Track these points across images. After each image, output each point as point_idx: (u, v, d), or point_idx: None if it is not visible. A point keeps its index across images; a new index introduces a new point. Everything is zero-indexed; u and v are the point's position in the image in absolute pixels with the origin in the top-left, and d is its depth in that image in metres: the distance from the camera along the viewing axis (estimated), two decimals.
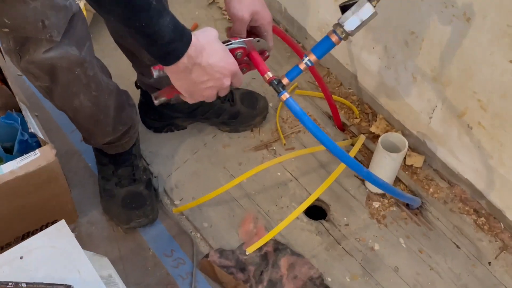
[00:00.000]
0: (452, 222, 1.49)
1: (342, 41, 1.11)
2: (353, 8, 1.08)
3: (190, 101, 1.03)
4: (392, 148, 1.44)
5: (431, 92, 1.43)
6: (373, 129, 1.64)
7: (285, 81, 1.12)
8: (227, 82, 1.01)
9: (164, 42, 0.88)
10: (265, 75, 1.09)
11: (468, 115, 1.37)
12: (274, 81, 1.08)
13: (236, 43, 1.06)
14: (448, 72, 1.35)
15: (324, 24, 1.69)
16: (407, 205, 1.51)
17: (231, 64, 1.00)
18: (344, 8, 1.11)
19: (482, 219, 1.49)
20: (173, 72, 0.96)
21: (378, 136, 1.63)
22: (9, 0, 1.03)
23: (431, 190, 1.54)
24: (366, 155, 1.61)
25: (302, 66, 1.13)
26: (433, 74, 1.40)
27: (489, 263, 1.43)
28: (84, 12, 1.72)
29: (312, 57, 1.13)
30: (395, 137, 1.45)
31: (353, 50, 1.64)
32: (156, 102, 1.05)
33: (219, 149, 1.62)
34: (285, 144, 1.63)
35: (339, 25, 1.09)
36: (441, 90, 1.40)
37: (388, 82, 1.56)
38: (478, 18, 1.20)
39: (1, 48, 1.21)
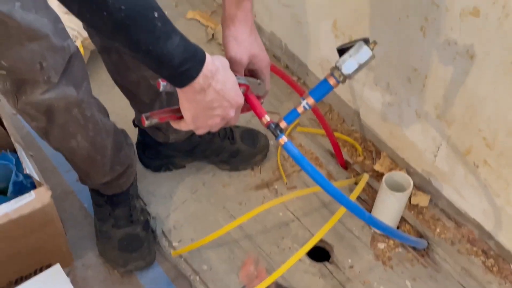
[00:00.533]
0: (460, 264, 1.44)
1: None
2: (350, 51, 1.06)
3: (186, 127, 0.99)
4: (397, 187, 1.40)
5: (436, 130, 1.40)
6: (377, 167, 1.60)
7: (282, 124, 1.09)
8: (232, 113, 0.98)
9: (175, 64, 0.85)
10: (263, 119, 1.06)
11: (473, 153, 1.33)
12: (271, 124, 1.06)
13: (241, 79, 1.03)
14: (452, 110, 1.32)
15: (325, 61, 1.67)
16: (414, 246, 1.47)
17: (240, 96, 0.98)
18: (341, 51, 1.09)
19: (491, 260, 1.44)
20: (186, 93, 0.91)
21: (382, 174, 1.59)
22: (6, 42, 1.00)
23: (437, 230, 1.50)
24: (370, 194, 1.57)
25: (300, 110, 1.11)
26: (437, 111, 1.36)
27: None
28: (81, 50, 1.71)
29: (310, 100, 1.11)
30: (400, 176, 1.41)
31: (355, 86, 1.61)
32: (146, 123, 0.99)
33: (218, 189, 1.59)
34: (286, 183, 1.59)
35: (336, 68, 1.07)
36: (445, 127, 1.37)
37: (391, 119, 1.53)
38: (481, 55, 1.17)
39: None
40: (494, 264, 1.43)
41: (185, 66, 0.86)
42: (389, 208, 1.42)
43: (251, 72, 1.10)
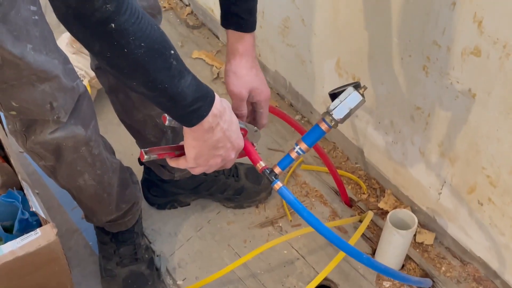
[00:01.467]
0: None
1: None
2: (341, 96, 1.08)
3: (184, 165, 0.99)
4: (402, 225, 1.40)
5: (440, 168, 1.41)
6: (381, 205, 1.60)
7: (277, 170, 1.11)
8: (233, 155, 0.99)
9: (187, 103, 0.86)
10: (258, 165, 1.07)
11: (477, 191, 1.34)
12: (266, 170, 1.07)
13: (241, 123, 1.04)
14: (455, 148, 1.33)
15: (328, 99, 1.67)
16: (418, 287, 1.46)
17: (241, 139, 0.99)
18: (333, 96, 1.12)
19: None
20: (195, 132, 0.92)
21: (387, 212, 1.59)
22: (17, 84, 1.02)
23: (443, 268, 1.49)
24: (375, 231, 1.56)
25: (293, 155, 1.13)
26: (441, 149, 1.37)
27: None
28: (89, 89, 1.73)
29: (303, 146, 1.13)
30: (404, 213, 1.41)
31: (358, 124, 1.62)
32: (145, 157, 0.99)
33: (223, 226, 1.59)
34: (291, 220, 1.59)
35: (328, 113, 1.09)
36: (449, 165, 1.38)
37: (395, 156, 1.54)
38: (483, 95, 1.18)
39: (7, 128, 1.20)
40: None
41: (196, 105, 0.87)
42: (394, 246, 1.42)
43: (252, 105, 1.12)
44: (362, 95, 1.08)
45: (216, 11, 2.05)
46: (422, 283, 1.40)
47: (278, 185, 1.06)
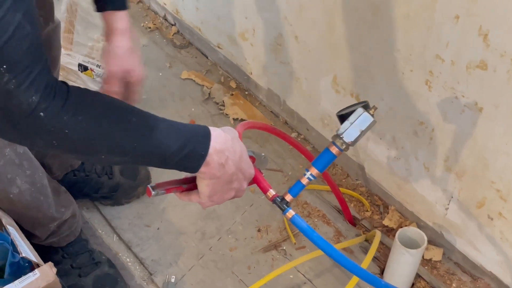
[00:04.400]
0: None
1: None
2: (350, 118, 1.05)
3: (198, 201, 0.94)
4: (411, 244, 1.36)
5: (446, 182, 1.37)
6: (386, 222, 1.56)
7: (288, 197, 1.07)
8: (245, 186, 0.95)
9: (174, 151, 0.81)
10: (268, 193, 1.02)
11: (487, 205, 1.30)
12: (277, 198, 1.03)
13: (249, 151, 0.99)
14: (462, 162, 1.30)
15: (326, 116, 1.65)
16: None
17: (252, 168, 0.95)
18: (341, 117, 1.08)
19: None
20: (205, 173, 0.87)
21: (392, 229, 1.56)
22: None
23: (453, 285, 1.45)
24: (382, 250, 1.52)
25: (304, 182, 1.10)
26: (447, 164, 1.34)
27: None
28: None
29: (314, 171, 1.09)
30: (413, 231, 1.37)
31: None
32: (153, 193, 0.92)
33: (225, 253, 1.54)
34: (295, 243, 1.54)
35: (338, 136, 1.05)
36: (456, 180, 1.34)
37: (398, 172, 1.50)
38: (491, 108, 1.15)
39: None
40: None
41: (186, 149, 0.82)
42: (404, 265, 1.38)
43: (125, 85, 1.10)
44: (372, 115, 1.05)
45: (204, 30, 2.01)
46: None
47: (290, 213, 1.01)
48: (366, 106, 1.06)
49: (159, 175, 1.57)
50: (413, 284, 1.46)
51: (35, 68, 0.67)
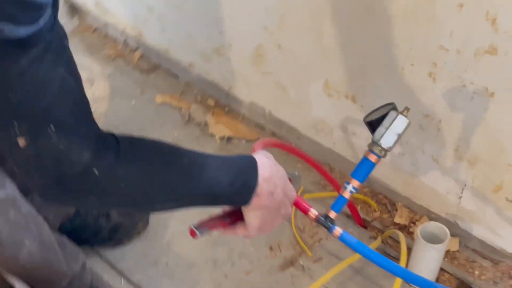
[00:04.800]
0: None
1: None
2: (385, 123, 1.01)
3: (246, 234, 0.88)
4: (432, 239, 1.33)
5: (457, 172, 1.36)
6: (397, 219, 1.54)
7: (332, 214, 1.03)
8: (290, 209, 0.90)
9: (226, 188, 0.76)
10: (309, 213, 0.96)
11: (505, 188, 1.29)
12: (320, 218, 0.97)
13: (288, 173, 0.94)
14: (474, 149, 1.29)
15: (319, 121, 1.61)
16: None
17: (293, 190, 0.90)
18: (371, 123, 1.04)
19: None
20: (256, 205, 0.81)
21: (405, 226, 1.53)
22: None
23: (476, 272, 1.44)
24: (394, 247, 1.49)
25: (346, 195, 1.05)
26: (457, 153, 1.32)
27: None
28: None
29: (355, 183, 1.05)
30: (433, 226, 1.35)
31: (356, 142, 1.56)
32: (198, 235, 0.86)
33: (243, 278, 1.47)
34: (311, 256, 1.50)
35: (375, 143, 1.02)
36: (468, 168, 1.33)
37: (404, 168, 1.48)
38: (503, 92, 1.14)
39: None
40: None
41: (237, 183, 0.77)
42: (428, 261, 1.35)
43: None
44: (407, 117, 1.01)
45: (172, 50, 1.94)
46: None
47: (338, 231, 0.96)
48: (394, 108, 1.02)
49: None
50: (437, 279, 1.44)
51: (83, 123, 0.61)
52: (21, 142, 0.58)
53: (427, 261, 1.35)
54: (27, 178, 0.63)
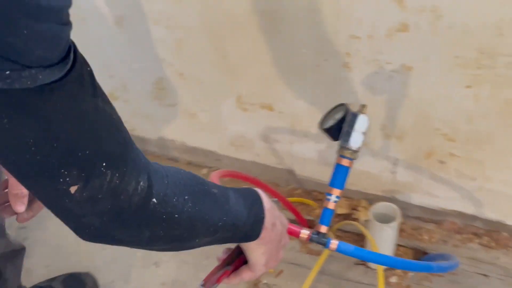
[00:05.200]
0: (464, 256, 1.46)
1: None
2: (346, 125, 1.01)
3: (254, 276, 0.84)
4: (384, 219, 1.37)
5: (387, 149, 1.41)
6: (338, 211, 1.56)
7: (323, 229, 1.00)
8: (288, 238, 0.87)
9: (245, 219, 0.73)
10: (301, 235, 0.94)
11: (436, 152, 1.36)
12: (313, 235, 0.95)
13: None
14: (401, 125, 1.34)
15: (238, 138, 1.59)
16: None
17: (284, 217, 0.87)
18: (330, 130, 1.04)
19: (486, 238, 1.48)
20: (263, 239, 0.77)
21: (348, 215, 1.56)
22: None
23: (425, 237, 1.50)
24: (344, 236, 1.52)
25: (331, 206, 1.03)
26: (384, 132, 1.37)
27: None
28: None
29: (337, 192, 1.03)
30: (381, 207, 1.39)
31: (280, 148, 1.56)
32: None
33: None
34: (272, 271, 1.48)
35: (344, 148, 1.01)
36: (396, 143, 1.38)
37: (332, 160, 1.50)
38: (420, 63, 1.20)
39: None
40: (491, 240, 1.48)
41: (252, 213, 0.74)
42: (386, 241, 1.39)
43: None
44: (366, 114, 1.02)
45: None
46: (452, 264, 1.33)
47: (334, 244, 0.94)
48: (347, 109, 1.03)
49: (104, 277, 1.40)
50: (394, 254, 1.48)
51: (130, 150, 0.56)
52: (73, 189, 0.51)
53: (384, 240, 1.39)
54: (77, 223, 0.56)
